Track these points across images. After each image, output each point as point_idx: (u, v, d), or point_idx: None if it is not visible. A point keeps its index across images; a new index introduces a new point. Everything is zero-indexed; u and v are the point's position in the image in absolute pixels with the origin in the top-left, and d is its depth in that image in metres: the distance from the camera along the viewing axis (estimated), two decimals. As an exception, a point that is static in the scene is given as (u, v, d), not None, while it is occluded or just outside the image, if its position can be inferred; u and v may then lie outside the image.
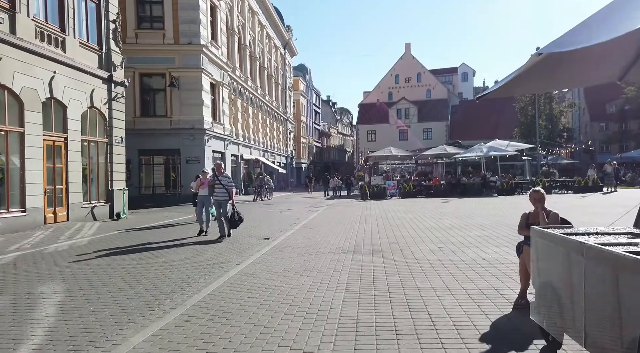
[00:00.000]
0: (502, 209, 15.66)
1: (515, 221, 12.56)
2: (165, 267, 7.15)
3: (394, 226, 11.72)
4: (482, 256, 7.14)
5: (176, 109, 25.75)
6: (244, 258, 7.84)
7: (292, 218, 15.69)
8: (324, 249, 8.54)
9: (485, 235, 9.49)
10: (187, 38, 25.63)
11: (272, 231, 11.76)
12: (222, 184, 10.04)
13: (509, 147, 29.18)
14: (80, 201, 14.41)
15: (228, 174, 10.47)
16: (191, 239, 10.38)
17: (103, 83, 15.75)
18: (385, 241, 9.26)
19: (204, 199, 10.73)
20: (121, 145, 16.80)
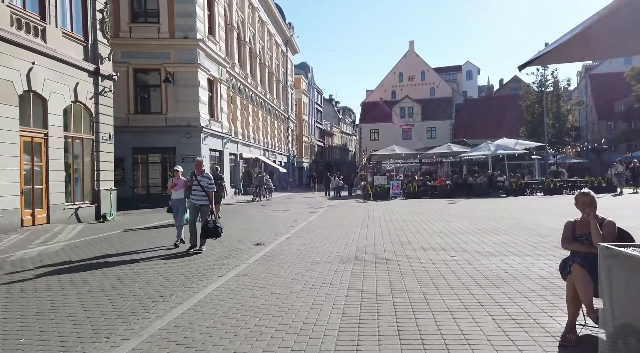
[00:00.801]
0: (514, 211, 14.63)
1: (531, 224, 11.69)
2: (135, 281, 6.17)
3: (399, 230, 10.71)
4: (504, 268, 6.13)
5: (172, 106, 24.80)
6: (228, 269, 6.86)
7: (289, 220, 14.71)
8: (320, 257, 7.55)
9: (502, 241, 8.47)
10: (183, 32, 24.67)
11: (266, 235, 10.78)
12: (200, 185, 8.54)
13: (517, 146, 28.15)
14: (62, 202, 13.47)
15: (209, 174, 9.01)
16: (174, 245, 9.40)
17: (89, 76, 14.80)
18: (389, 248, 8.26)
19: (177, 203, 9.10)
20: (109, 142, 15.86)
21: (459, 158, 31.17)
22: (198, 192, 8.60)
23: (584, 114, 59.50)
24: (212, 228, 8.35)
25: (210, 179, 8.72)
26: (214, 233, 8.39)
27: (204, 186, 8.56)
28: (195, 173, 8.72)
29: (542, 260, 6.59)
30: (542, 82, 45.04)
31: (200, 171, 8.74)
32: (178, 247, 8.91)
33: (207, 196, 8.59)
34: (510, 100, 57.78)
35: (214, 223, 8.38)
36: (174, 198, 9.16)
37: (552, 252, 7.17)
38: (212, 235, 8.43)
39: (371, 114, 63.87)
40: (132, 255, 8.28)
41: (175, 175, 9.34)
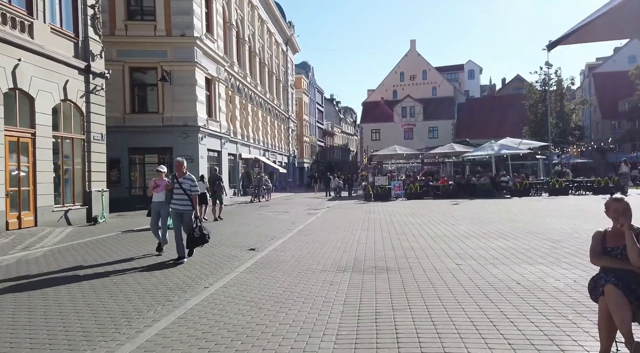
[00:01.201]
0: (519, 213, 14.09)
1: (539, 227, 11.09)
2: (113, 294, 5.65)
3: (400, 234, 10.19)
4: (515, 279, 5.60)
5: (168, 105, 24.32)
6: (216, 278, 6.35)
7: (287, 222, 14.20)
8: (316, 265, 7.03)
9: (510, 247, 7.94)
10: (180, 30, 24.18)
11: (261, 239, 10.27)
12: (182, 188, 7.62)
13: (520, 145, 27.57)
14: (51, 205, 12.98)
15: (192, 175, 7.98)
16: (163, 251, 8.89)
17: (79, 74, 14.31)
18: (390, 254, 7.74)
19: (158, 206, 8.23)
20: (101, 142, 15.37)
21: (461, 157, 30.63)
22: (180, 196, 7.68)
23: (587, 113, 58.88)
24: (199, 236, 7.56)
25: (193, 181, 7.81)
26: (201, 240, 7.64)
27: (186, 190, 7.65)
28: (176, 175, 7.82)
29: (557, 270, 6.06)
30: (545, 81, 44.47)
31: (181, 172, 7.82)
32: (162, 253, 8.25)
33: (190, 201, 7.70)
34: (513, 99, 57.22)
35: (200, 229, 7.59)
36: (155, 200, 8.30)
37: (566, 260, 6.64)
38: (198, 243, 7.67)
39: (372, 113, 63.35)
40: (115, 263, 7.74)
41: (158, 175, 8.46)
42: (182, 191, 7.66)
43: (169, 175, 8.26)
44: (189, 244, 7.63)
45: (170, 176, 8.15)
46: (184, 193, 7.65)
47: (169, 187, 7.93)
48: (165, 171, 8.59)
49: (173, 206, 7.78)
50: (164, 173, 8.49)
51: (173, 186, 7.79)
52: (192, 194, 7.73)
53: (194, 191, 7.75)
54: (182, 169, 7.85)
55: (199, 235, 7.56)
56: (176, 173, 7.88)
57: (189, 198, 7.69)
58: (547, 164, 32.38)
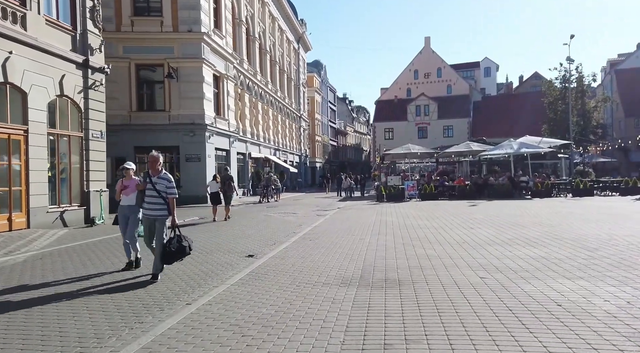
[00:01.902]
0: (544, 216, 13.02)
1: (570, 232, 9.65)
2: (77, 313, 4.86)
3: (414, 240, 9.27)
4: (555, 299, 4.66)
5: (175, 103, 23.74)
6: (202, 292, 5.53)
7: (293, 224, 13.38)
8: (318, 276, 6.17)
9: (541, 257, 6.97)
10: (187, 25, 23.58)
11: (262, 244, 9.46)
12: (156, 189, 6.29)
13: (541, 143, 26.31)
14: (45, 205, 12.34)
15: (168, 174, 6.58)
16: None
17: (77, 68, 13.68)
18: (403, 263, 6.84)
19: (128, 211, 6.88)
20: (101, 140, 14.74)
21: (478, 157, 29.45)
22: (153, 199, 6.32)
23: (609, 111, 56.87)
24: (176, 249, 6.14)
25: (171, 181, 6.41)
26: (179, 254, 6.25)
27: (160, 191, 6.29)
28: (150, 173, 6.41)
29: (602, 287, 5.10)
30: (565, 77, 42.87)
31: (156, 169, 6.40)
32: (134, 268, 6.92)
33: (166, 205, 6.33)
34: (531, 97, 55.63)
35: (178, 240, 6.22)
36: (123, 204, 6.95)
37: (611, 274, 5.67)
38: (176, 256, 6.27)
39: (385, 112, 62.20)
40: (94, 275, 6.97)
41: (126, 175, 7.07)
42: (156, 193, 6.31)
43: (141, 174, 7.06)
44: (163, 258, 6.23)
45: (141, 175, 6.82)
46: (159, 196, 6.31)
47: (140, 187, 6.59)
48: (133, 168, 7.17)
49: (145, 212, 6.48)
50: (132, 171, 7.12)
51: (145, 186, 6.43)
52: (169, 197, 6.37)
53: (171, 193, 6.39)
54: (156, 166, 6.41)
55: (177, 248, 6.16)
56: (149, 170, 6.45)
57: (164, 202, 6.36)
58: (568, 164, 31.02)
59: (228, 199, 15.42)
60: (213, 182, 15.83)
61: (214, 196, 15.41)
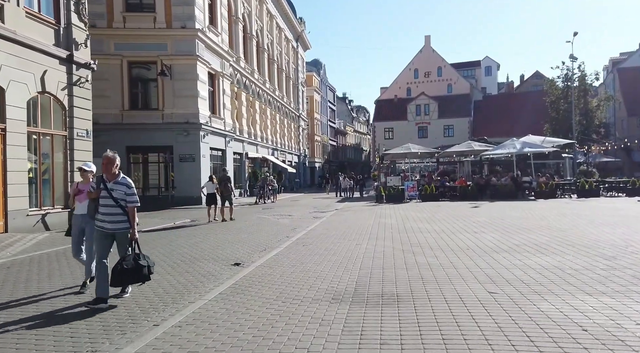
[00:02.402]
0: (551, 219, 12.38)
1: (582, 237, 8.82)
2: (23, 339, 4.23)
3: (415, 245, 8.62)
4: (577, 320, 4.01)
5: (169, 102, 23.09)
6: (175, 310, 4.89)
7: (287, 227, 12.74)
8: (308, 290, 5.53)
9: (554, 266, 6.33)
10: (181, 21, 22.94)
11: (251, 251, 8.82)
12: (113, 197, 5.13)
13: (544, 143, 25.66)
14: (25, 208, 11.70)
15: (128, 178, 5.35)
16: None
17: (60, 64, 13.03)
18: (402, 274, 6.19)
19: (82, 222, 5.84)
20: (87, 140, 14.08)
21: (479, 156, 28.79)
22: (110, 209, 5.14)
23: (611, 110, 56.21)
24: (130, 267, 5.01)
25: (131, 187, 5.26)
26: (136, 276, 5.09)
27: (119, 199, 5.16)
28: (104, 178, 5.23)
29: (631, 305, 4.45)
30: (567, 76, 42.24)
31: (111, 173, 5.21)
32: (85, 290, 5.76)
33: (126, 216, 5.19)
34: (532, 96, 55.08)
35: (135, 259, 5.10)
36: (77, 213, 5.95)
37: (636, 289, 5.02)
38: (129, 278, 5.11)
39: (385, 112, 61.59)
40: (57, 290, 6.28)
41: (83, 178, 6.09)
42: (112, 201, 5.14)
43: (93, 179, 5.90)
44: (114, 280, 5.04)
45: (93, 180, 5.73)
46: (116, 205, 5.15)
47: (92, 195, 5.42)
48: (92, 170, 6.08)
49: (99, 225, 5.22)
50: (91, 174, 6.04)
51: (98, 193, 5.25)
52: (129, 206, 5.20)
53: (132, 201, 5.22)
54: (112, 168, 5.21)
55: (131, 267, 5.02)
56: (104, 174, 5.27)
57: (123, 212, 5.20)
58: (571, 164, 30.38)
59: (229, 200, 15.19)
60: (209, 183, 15.58)
61: (210, 197, 15.17)
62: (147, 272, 5.18)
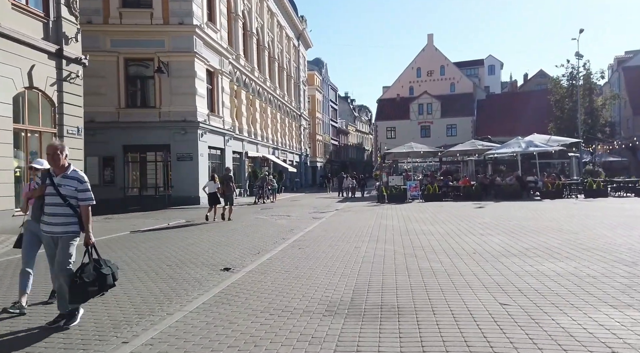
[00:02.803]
0: (561, 220, 11.83)
1: (595, 240, 8.26)
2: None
3: (417, 249, 8.10)
4: (605, 340, 3.49)
5: (166, 99, 22.62)
6: (149, 323, 4.39)
7: (285, 228, 12.24)
8: (300, 299, 5.02)
9: (570, 273, 5.80)
10: (178, 17, 22.48)
11: (243, 254, 8.32)
12: (60, 194, 4.29)
13: (550, 142, 25.07)
14: (11, 208, 11.23)
15: (79, 171, 4.48)
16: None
17: (49, 59, 12.57)
18: (403, 281, 5.68)
19: (35, 226, 4.64)
20: (78, 137, 13.61)
21: (483, 156, 28.24)
22: (56, 209, 4.31)
23: (616, 109, 55.50)
24: (91, 281, 4.26)
25: (83, 181, 4.38)
26: (100, 286, 4.36)
27: (68, 197, 4.30)
28: (52, 172, 4.42)
29: (664, 321, 3.92)
30: (572, 74, 41.59)
31: (59, 166, 4.35)
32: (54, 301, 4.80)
33: (74, 216, 4.35)
34: (536, 95, 54.44)
35: (96, 267, 4.35)
36: (31, 218, 4.83)
37: (667, 300, 4.49)
38: (93, 291, 4.32)
39: (388, 111, 61.03)
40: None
41: (34, 177, 5.26)
42: (60, 199, 4.29)
43: (37, 173, 5.02)
44: (75, 295, 4.26)
45: (38, 175, 4.90)
46: (65, 203, 4.30)
47: (35, 193, 4.54)
48: (45, 167, 4.83)
49: (45, 228, 4.39)
50: (39, 170, 5.00)
51: (43, 190, 4.39)
52: (82, 205, 4.37)
53: (85, 198, 4.35)
54: (59, 160, 4.32)
55: (94, 278, 4.27)
56: (50, 167, 4.48)
57: (73, 212, 4.34)
58: (578, 163, 29.78)
59: (230, 199, 15.12)
60: (211, 182, 15.47)
61: (211, 197, 15.02)
62: (112, 280, 4.49)
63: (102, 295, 4.61)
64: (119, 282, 5.92)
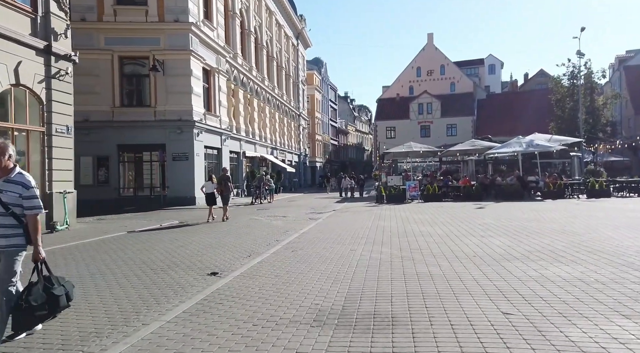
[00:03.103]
0: (564, 221, 11.47)
1: (601, 242, 7.85)
2: None
3: (415, 251, 7.75)
4: (621, 358, 3.14)
5: (161, 98, 22.27)
6: (121, 335, 4.04)
7: (279, 230, 11.88)
8: (287, 307, 4.67)
9: (577, 279, 5.44)
10: (174, 15, 22.12)
11: (234, 257, 7.97)
12: (1, 202, 3.75)
13: (551, 141, 24.70)
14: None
15: (26, 175, 3.93)
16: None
17: (37, 55, 12.20)
18: (399, 287, 5.32)
19: None
20: (67, 136, 13.26)
21: (483, 156, 27.86)
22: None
23: (617, 108, 55.14)
24: (42, 304, 3.82)
25: (28, 186, 3.83)
26: (51, 309, 3.94)
27: (9, 204, 3.76)
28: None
29: (684, 334, 3.56)
30: (573, 73, 41.24)
31: (2, 169, 3.82)
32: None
33: (21, 229, 3.81)
34: (536, 95, 54.12)
35: (47, 288, 3.90)
36: None
37: (684, 310, 4.13)
38: (42, 315, 3.87)
39: (387, 110, 60.67)
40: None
41: None
42: (1, 208, 3.76)
43: None
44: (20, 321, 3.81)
45: None
46: (7, 213, 3.76)
47: None
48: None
49: None
50: None
51: None
52: (28, 215, 3.82)
53: (31, 206, 3.82)
54: (1, 162, 3.79)
55: (41, 301, 3.80)
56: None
57: (17, 223, 3.80)
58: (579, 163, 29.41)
59: (225, 199, 15.22)
60: (209, 183, 15.61)
61: (209, 197, 15.16)
62: (67, 300, 4.04)
63: (53, 318, 4.12)
64: (96, 289, 5.60)
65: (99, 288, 5.76)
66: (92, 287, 5.83)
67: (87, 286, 5.87)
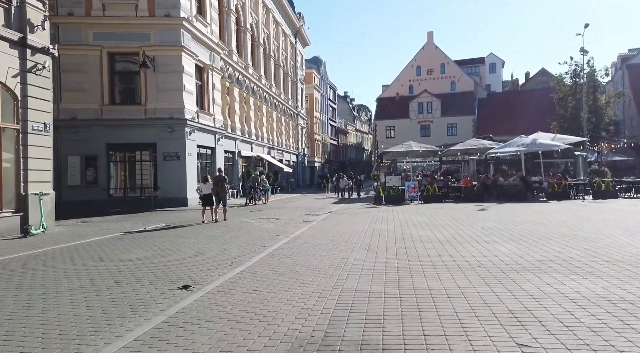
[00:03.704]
0: (574, 225, 10.71)
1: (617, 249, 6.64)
2: None
3: (413, 260, 6.99)
4: None
5: (152, 96, 21.51)
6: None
7: (269, 234, 11.13)
8: (259, 333, 3.91)
9: (601, 297, 4.68)
10: (165, 9, 21.36)
11: (213, 266, 7.22)
12: None
13: (555, 140, 23.93)
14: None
15: None
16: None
17: (11, 48, 11.44)
18: (393, 307, 4.56)
19: None
20: (45, 134, 12.48)
21: (484, 155, 27.09)
22: None
23: (620, 107, 54.38)
24: None
25: None
26: None
27: None
28: None
29: None
30: (576, 72, 40.49)
31: None
32: None
33: None
34: (538, 94, 53.43)
35: None
36: None
37: None
38: None
39: (387, 110, 59.90)
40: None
41: None
42: None
43: None
44: None
45: None
46: None
47: None
48: None
49: None
50: None
51: None
52: None
53: None
54: None
55: None
56: None
57: None
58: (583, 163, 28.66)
59: (224, 200, 15.05)
60: (203, 184, 15.16)
61: (205, 198, 14.79)
62: None
63: None
64: (43, 307, 4.86)
65: (46, 307, 4.99)
66: (39, 305, 5.06)
67: (33, 305, 5.11)
